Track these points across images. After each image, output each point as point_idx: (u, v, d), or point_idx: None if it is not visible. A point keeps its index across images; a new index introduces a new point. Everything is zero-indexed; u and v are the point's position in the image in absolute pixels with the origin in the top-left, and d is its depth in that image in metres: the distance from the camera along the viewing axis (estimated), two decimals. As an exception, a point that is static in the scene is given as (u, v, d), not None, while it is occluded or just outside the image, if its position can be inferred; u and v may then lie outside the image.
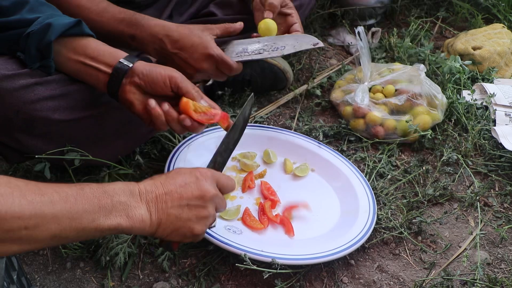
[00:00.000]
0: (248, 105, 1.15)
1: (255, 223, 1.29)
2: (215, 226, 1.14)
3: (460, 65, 1.79)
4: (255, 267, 1.16)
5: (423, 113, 1.60)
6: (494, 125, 1.64)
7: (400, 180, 1.49)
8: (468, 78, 1.81)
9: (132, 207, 0.91)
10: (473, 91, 1.74)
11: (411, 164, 1.54)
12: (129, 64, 1.12)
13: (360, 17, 2.07)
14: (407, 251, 1.32)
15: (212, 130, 1.47)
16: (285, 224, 1.30)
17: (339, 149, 1.57)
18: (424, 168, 1.52)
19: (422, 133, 1.57)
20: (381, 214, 1.37)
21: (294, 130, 1.60)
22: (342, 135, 1.63)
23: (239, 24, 1.39)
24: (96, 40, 1.15)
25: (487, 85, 1.77)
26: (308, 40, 1.38)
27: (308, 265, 1.22)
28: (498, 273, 1.28)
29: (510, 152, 1.53)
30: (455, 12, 2.19)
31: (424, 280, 1.24)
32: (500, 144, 1.56)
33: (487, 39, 1.92)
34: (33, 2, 1.13)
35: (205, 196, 1.00)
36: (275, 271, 1.16)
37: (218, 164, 1.14)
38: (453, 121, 1.67)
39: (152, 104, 1.11)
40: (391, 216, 1.38)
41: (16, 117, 1.10)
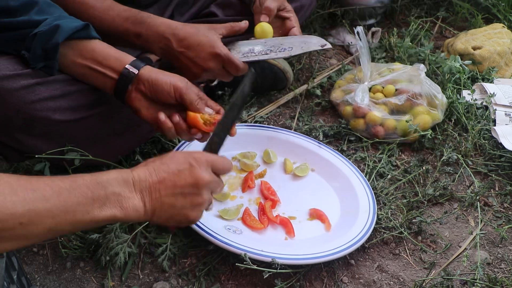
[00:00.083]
0: (248, 81, 1.10)
1: (255, 223, 1.29)
2: (212, 209, 1.11)
3: (460, 65, 1.79)
4: (255, 267, 1.16)
5: (423, 113, 1.60)
6: (494, 125, 1.64)
7: (400, 180, 1.49)
8: (468, 78, 1.81)
9: (126, 198, 0.91)
10: (473, 91, 1.74)
11: (411, 164, 1.54)
12: (135, 71, 1.12)
13: (360, 17, 2.07)
14: (407, 251, 1.32)
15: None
16: (286, 225, 1.30)
17: (339, 149, 1.57)
18: (424, 168, 1.52)
19: (422, 133, 1.57)
20: (381, 214, 1.37)
21: (294, 130, 1.60)
22: (342, 135, 1.63)
23: (244, 23, 1.38)
24: (103, 43, 1.15)
25: (487, 85, 1.77)
26: (316, 42, 1.38)
27: (308, 265, 1.22)
28: (498, 273, 1.28)
29: (510, 152, 1.53)
30: (455, 12, 2.19)
31: (424, 280, 1.24)
32: (500, 144, 1.56)
33: (487, 39, 1.92)
34: (42, 4, 1.13)
35: (199, 184, 0.98)
36: (275, 271, 1.16)
37: (215, 145, 1.10)
38: (453, 121, 1.67)
39: (162, 118, 1.12)
40: (391, 216, 1.38)
41: (17, 117, 1.10)
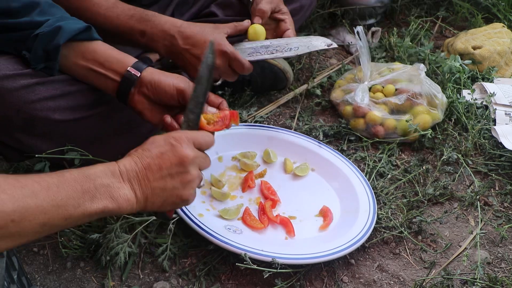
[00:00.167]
0: (210, 52, 1.10)
1: (255, 223, 1.29)
2: (204, 185, 1.11)
3: (460, 65, 1.79)
4: (255, 267, 1.16)
5: (423, 113, 1.60)
6: (494, 125, 1.64)
7: (400, 180, 1.49)
8: (468, 78, 1.81)
9: (116, 188, 0.91)
10: (473, 91, 1.74)
11: (411, 164, 1.54)
12: (137, 74, 1.12)
13: (360, 17, 2.07)
14: (407, 251, 1.32)
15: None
16: (286, 224, 1.30)
17: (339, 149, 1.57)
18: (424, 168, 1.52)
19: (422, 133, 1.57)
20: (381, 214, 1.37)
21: (294, 130, 1.60)
22: (342, 135, 1.62)
23: (247, 22, 1.41)
24: (105, 44, 1.15)
25: (487, 85, 1.77)
26: (322, 41, 1.41)
27: (308, 265, 1.22)
28: (498, 273, 1.28)
29: (510, 152, 1.53)
30: (455, 12, 2.19)
31: (424, 280, 1.24)
32: (500, 144, 1.56)
33: (487, 39, 1.92)
34: (44, 4, 1.13)
35: (184, 161, 0.98)
36: (275, 271, 1.16)
37: (192, 122, 1.09)
38: (453, 121, 1.67)
39: (169, 121, 1.12)
40: (391, 216, 1.38)
41: (17, 117, 1.10)
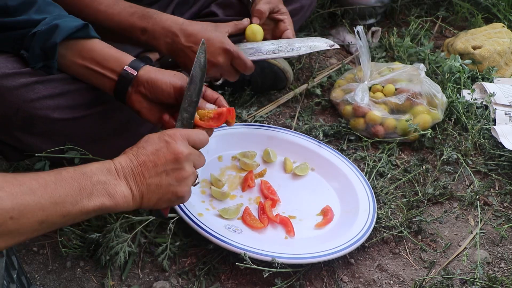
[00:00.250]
0: (201, 52, 1.13)
1: (255, 222, 1.29)
2: (199, 183, 1.12)
3: (460, 65, 1.79)
4: (255, 266, 1.16)
5: (423, 112, 1.60)
6: (494, 124, 1.64)
7: (400, 179, 1.49)
8: (468, 78, 1.81)
9: (112, 185, 0.91)
10: (473, 91, 1.74)
11: (411, 163, 1.54)
12: (134, 72, 1.12)
13: (360, 17, 2.07)
14: (407, 250, 1.32)
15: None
16: (286, 224, 1.30)
17: (339, 148, 1.57)
18: (424, 167, 1.52)
19: (422, 132, 1.57)
20: (381, 213, 1.37)
21: (294, 130, 1.60)
22: (342, 134, 1.62)
23: (247, 21, 1.41)
24: (102, 43, 1.14)
25: (487, 85, 1.77)
26: (324, 42, 1.43)
27: (308, 264, 1.22)
28: (498, 272, 1.28)
29: (510, 151, 1.53)
30: (455, 12, 2.19)
31: (424, 279, 1.23)
32: (500, 143, 1.56)
33: (487, 39, 1.92)
34: (41, 2, 1.13)
35: (179, 158, 0.99)
36: (275, 270, 1.16)
37: (186, 121, 1.11)
38: (453, 120, 1.67)
39: (167, 119, 1.13)
40: (391, 215, 1.38)
41: (16, 116, 1.10)
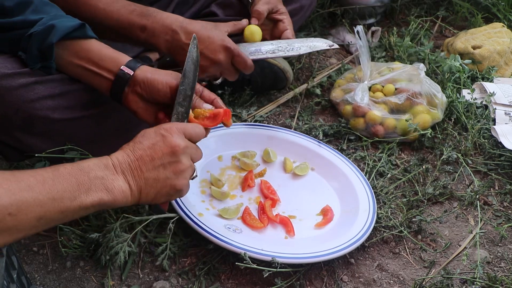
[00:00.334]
0: (193, 47, 1.14)
1: (255, 222, 1.29)
2: (197, 176, 1.12)
3: (460, 64, 1.79)
4: (255, 266, 1.16)
5: (423, 112, 1.60)
6: (494, 124, 1.64)
7: (400, 179, 1.49)
8: (468, 77, 1.81)
9: (110, 180, 0.92)
10: (473, 90, 1.74)
11: (411, 163, 1.54)
12: (130, 72, 1.11)
13: (360, 16, 2.07)
14: (407, 250, 1.32)
15: (211, 129, 1.47)
16: (286, 224, 1.30)
17: (339, 148, 1.57)
18: (424, 167, 1.52)
19: (422, 132, 1.57)
20: (381, 213, 1.37)
21: (294, 129, 1.60)
22: (342, 134, 1.62)
23: (245, 21, 1.42)
24: (99, 43, 1.14)
25: (487, 84, 1.77)
26: (323, 42, 1.44)
27: (308, 264, 1.22)
28: (498, 272, 1.28)
29: (510, 151, 1.53)
30: (455, 11, 2.19)
31: (424, 279, 1.24)
32: (500, 143, 1.56)
33: (487, 38, 1.92)
34: (37, 3, 1.13)
35: (176, 151, 0.99)
36: (275, 270, 1.16)
37: (181, 115, 1.11)
38: (453, 120, 1.67)
39: (162, 116, 1.13)
40: (391, 215, 1.38)
41: (16, 116, 1.10)
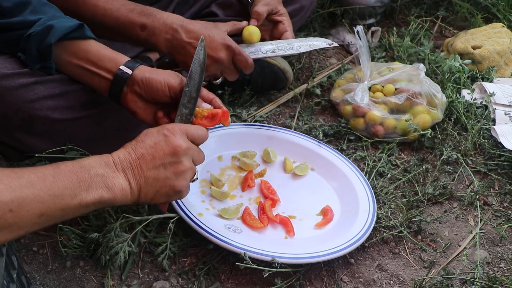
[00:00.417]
0: (201, 48, 1.14)
1: (255, 222, 1.29)
2: (197, 179, 1.12)
3: (460, 64, 1.79)
4: (255, 266, 1.16)
5: (423, 112, 1.60)
6: (494, 124, 1.64)
7: (400, 179, 1.49)
8: (468, 77, 1.81)
9: (110, 178, 0.92)
10: (473, 90, 1.74)
11: (411, 163, 1.54)
12: (129, 72, 1.11)
13: (360, 16, 2.07)
14: (407, 250, 1.32)
15: (211, 129, 1.47)
16: (285, 224, 1.30)
17: (339, 148, 1.57)
18: (424, 167, 1.52)
19: (422, 132, 1.57)
20: (381, 213, 1.37)
21: (294, 129, 1.60)
22: (342, 134, 1.63)
23: (245, 22, 1.43)
24: (98, 43, 1.14)
25: (487, 84, 1.77)
26: (323, 41, 1.44)
27: (308, 264, 1.22)
28: (498, 272, 1.28)
29: (510, 151, 1.53)
30: (455, 12, 2.19)
31: (424, 279, 1.24)
32: (500, 143, 1.56)
33: (487, 38, 1.92)
34: (36, 3, 1.13)
35: (178, 151, 0.99)
36: (275, 270, 1.16)
37: (185, 116, 1.11)
38: (453, 120, 1.67)
39: (160, 115, 1.13)
40: (391, 215, 1.38)
41: (16, 116, 1.10)
